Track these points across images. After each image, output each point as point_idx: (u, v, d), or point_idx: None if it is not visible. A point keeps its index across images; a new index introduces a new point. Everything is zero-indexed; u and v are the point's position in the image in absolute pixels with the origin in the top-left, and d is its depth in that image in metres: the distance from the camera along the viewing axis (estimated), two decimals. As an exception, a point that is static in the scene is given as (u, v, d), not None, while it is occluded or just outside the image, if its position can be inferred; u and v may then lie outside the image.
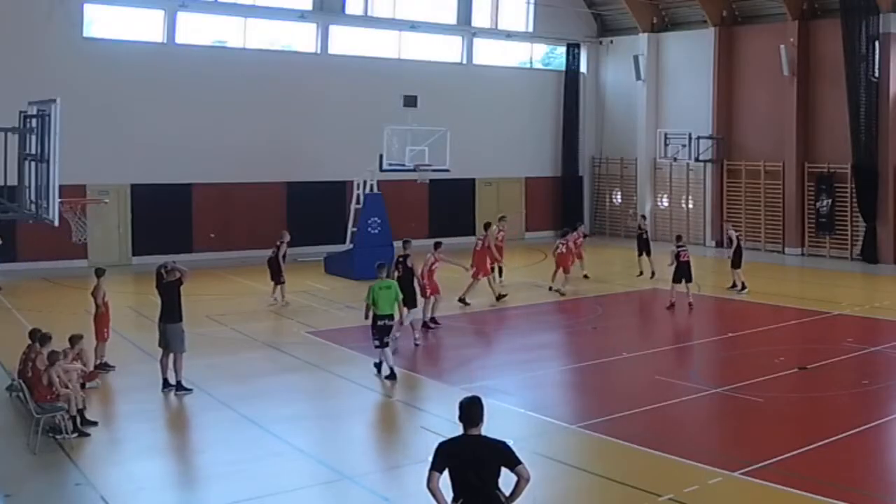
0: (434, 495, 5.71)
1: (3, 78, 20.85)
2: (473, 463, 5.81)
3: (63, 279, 21.63)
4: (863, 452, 10.19)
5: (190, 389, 12.43)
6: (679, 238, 19.76)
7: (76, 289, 19.45)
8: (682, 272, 18.86)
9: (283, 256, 19.25)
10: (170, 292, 12.63)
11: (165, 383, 12.50)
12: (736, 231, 22.21)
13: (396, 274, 15.44)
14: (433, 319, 16.84)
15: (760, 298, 20.12)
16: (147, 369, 13.25)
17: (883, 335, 16.16)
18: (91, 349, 13.18)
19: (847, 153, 25.72)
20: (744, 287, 20.68)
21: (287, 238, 19.53)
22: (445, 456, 5.83)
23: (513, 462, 5.81)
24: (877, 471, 9.69)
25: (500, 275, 21.49)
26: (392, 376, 13.21)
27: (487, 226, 20.48)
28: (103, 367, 13.38)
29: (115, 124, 23.95)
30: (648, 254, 23.18)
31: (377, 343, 13.29)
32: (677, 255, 18.96)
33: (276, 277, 19.08)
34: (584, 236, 23.70)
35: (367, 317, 13.56)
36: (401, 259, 15.93)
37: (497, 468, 5.85)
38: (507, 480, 5.93)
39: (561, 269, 21.10)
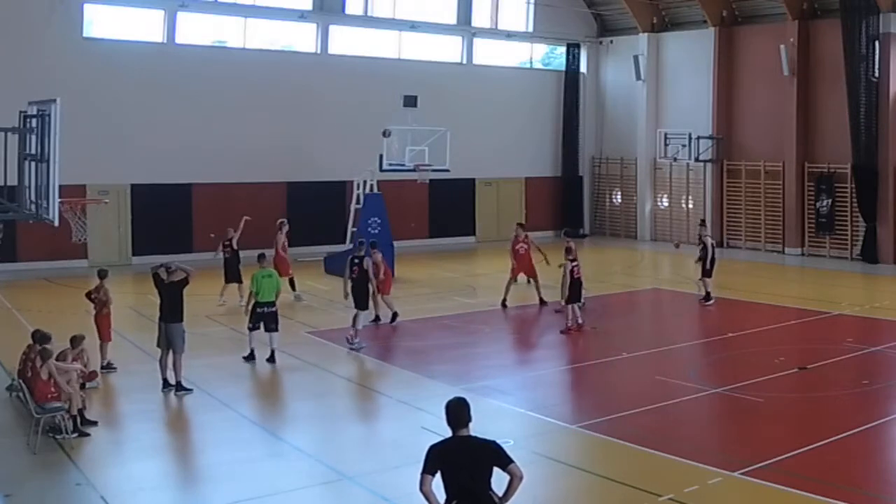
0: (428, 499, 5.71)
1: (3, 78, 20.85)
2: (466, 464, 5.81)
3: (63, 279, 21.64)
4: (863, 452, 10.18)
5: (190, 389, 12.43)
6: (569, 251, 16.75)
7: (76, 289, 19.44)
8: (576, 290, 16.51)
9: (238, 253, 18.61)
10: (173, 292, 12.63)
11: (165, 383, 12.50)
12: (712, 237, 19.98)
13: (352, 274, 15.58)
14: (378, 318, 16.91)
15: (760, 298, 20.10)
16: (147, 369, 13.24)
17: (883, 335, 16.15)
18: (97, 350, 13.19)
19: (847, 153, 25.70)
20: (709, 297, 19.01)
21: (232, 234, 19.05)
22: (437, 458, 5.82)
23: (504, 461, 5.81)
24: (877, 471, 9.68)
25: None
26: (272, 359, 13.98)
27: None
28: (108, 368, 13.39)
29: (115, 124, 23.96)
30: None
31: (251, 327, 14.13)
32: (571, 272, 16.40)
33: (236, 277, 18.58)
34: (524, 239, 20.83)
35: (247, 306, 14.35)
36: (356, 260, 15.73)
37: (489, 468, 5.84)
38: (500, 481, 5.92)
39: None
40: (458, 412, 5.88)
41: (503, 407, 11.96)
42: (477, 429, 9.16)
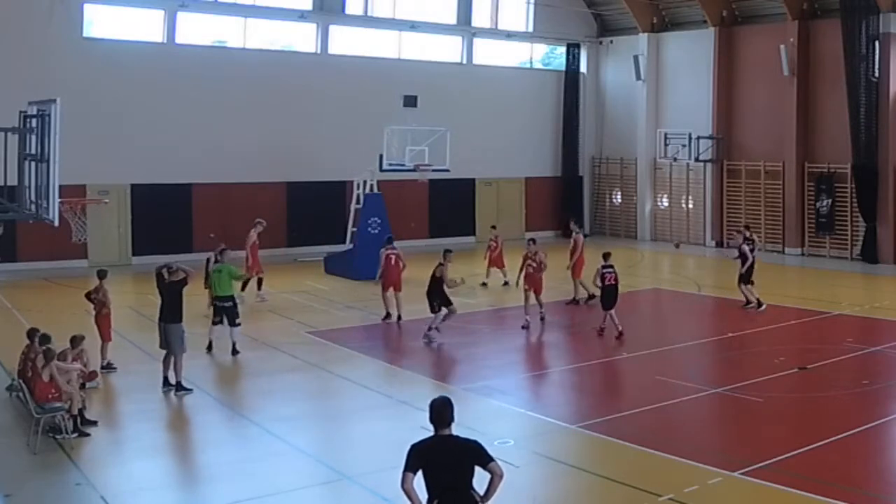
0: (409, 496, 5.75)
1: (3, 78, 20.85)
2: (447, 463, 5.86)
3: (63, 279, 21.63)
4: (863, 452, 10.19)
5: (190, 389, 12.44)
6: (606, 256, 16.38)
7: (76, 289, 19.44)
8: (609, 297, 16.00)
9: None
10: (172, 292, 12.64)
11: (165, 382, 12.52)
12: (748, 243, 19.16)
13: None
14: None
15: (760, 298, 20.01)
16: (147, 369, 13.26)
17: (883, 335, 16.15)
18: (97, 350, 13.20)
19: (847, 153, 25.69)
20: (760, 304, 18.43)
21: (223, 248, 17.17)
22: (419, 457, 5.88)
23: (485, 460, 5.87)
24: (877, 470, 9.69)
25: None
26: (235, 352, 14.44)
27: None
28: (108, 368, 13.40)
29: (116, 124, 23.98)
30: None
31: (214, 321, 14.72)
32: (602, 277, 16.07)
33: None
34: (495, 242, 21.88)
35: (210, 301, 15.17)
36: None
37: (471, 467, 5.90)
38: (482, 480, 5.94)
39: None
40: (441, 411, 5.94)
41: (504, 407, 11.98)
42: (478, 429, 9.18)
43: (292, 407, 12.17)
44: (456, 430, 6.01)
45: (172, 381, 12.49)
